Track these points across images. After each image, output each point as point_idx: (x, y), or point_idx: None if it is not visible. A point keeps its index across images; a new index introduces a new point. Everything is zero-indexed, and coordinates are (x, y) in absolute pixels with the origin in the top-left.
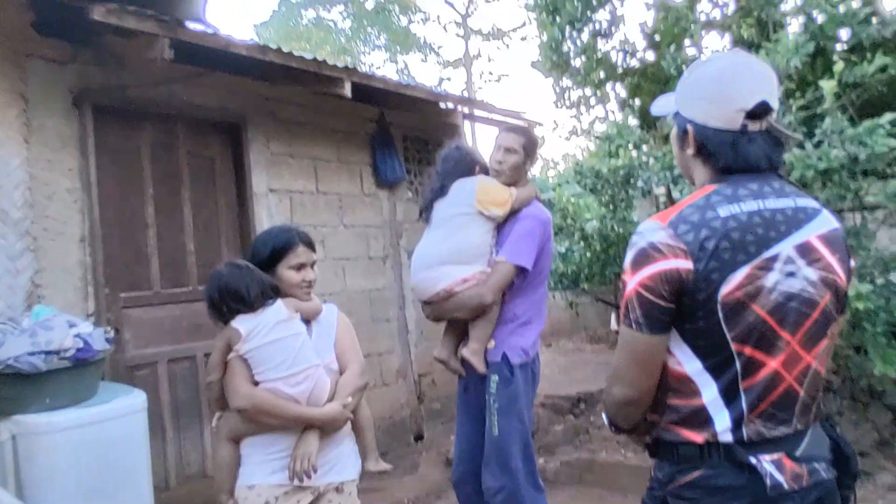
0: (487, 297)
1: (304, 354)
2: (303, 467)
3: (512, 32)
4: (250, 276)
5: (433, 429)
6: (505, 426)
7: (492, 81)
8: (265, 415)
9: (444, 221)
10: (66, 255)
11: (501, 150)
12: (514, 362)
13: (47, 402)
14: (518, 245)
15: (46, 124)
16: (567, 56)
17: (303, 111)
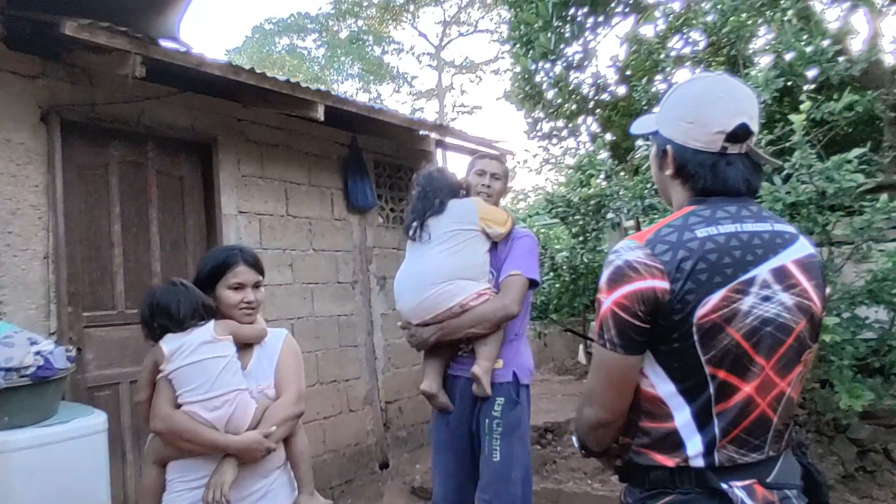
0: (513, 308)
1: (225, 378)
2: (214, 497)
3: (485, 65)
4: (184, 294)
5: (399, 457)
6: (507, 451)
7: (464, 113)
8: (180, 439)
9: (447, 237)
10: (28, 272)
11: (488, 176)
12: (523, 382)
13: (6, 420)
14: (526, 260)
15: (13, 139)
16: (539, 88)
17: (274, 133)
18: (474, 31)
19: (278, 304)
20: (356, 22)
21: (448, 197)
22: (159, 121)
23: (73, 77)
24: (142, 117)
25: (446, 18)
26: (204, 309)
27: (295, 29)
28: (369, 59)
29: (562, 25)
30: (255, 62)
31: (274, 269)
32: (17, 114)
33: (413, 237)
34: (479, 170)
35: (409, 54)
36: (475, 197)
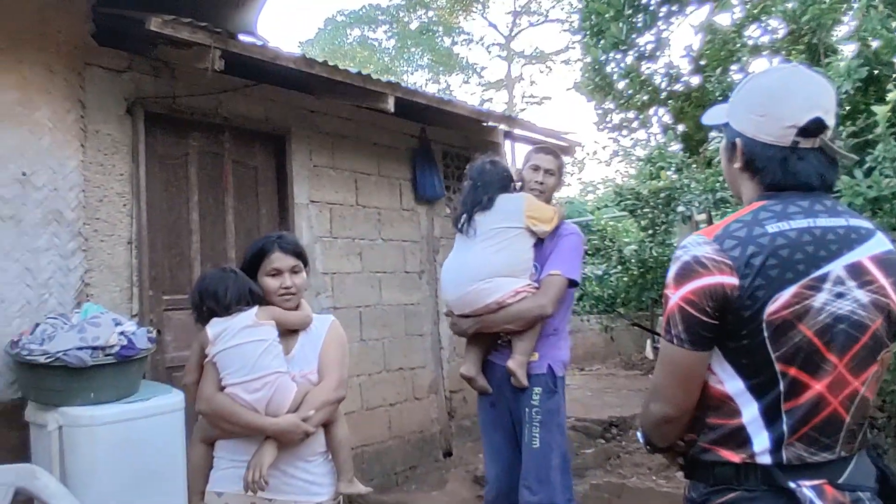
0: (549, 309)
1: (265, 361)
2: (254, 477)
3: (555, 56)
4: (232, 280)
5: (462, 446)
6: (546, 438)
7: (533, 103)
8: (222, 420)
9: (492, 234)
10: (114, 257)
11: (541, 172)
12: (559, 374)
13: (92, 396)
14: (569, 259)
15: (101, 130)
16: (610, 79)
17: (346, 124)
18: (545, 21)
19: (347, 291)
20: (426, 13)
21: (497, 192)
22: (236, 112)
23: (156, 71)
24: (219, 109)
25: (517, 8)
26: (251, 295)
27: (366, 20)
28: (439, 50)
29: (634, 15)
30: (327, 54)
31: (343, 258)
32: (105, 106)
33: (461, 230)
34: (534, 165)
35: (479, 45)
36: (524, 193)
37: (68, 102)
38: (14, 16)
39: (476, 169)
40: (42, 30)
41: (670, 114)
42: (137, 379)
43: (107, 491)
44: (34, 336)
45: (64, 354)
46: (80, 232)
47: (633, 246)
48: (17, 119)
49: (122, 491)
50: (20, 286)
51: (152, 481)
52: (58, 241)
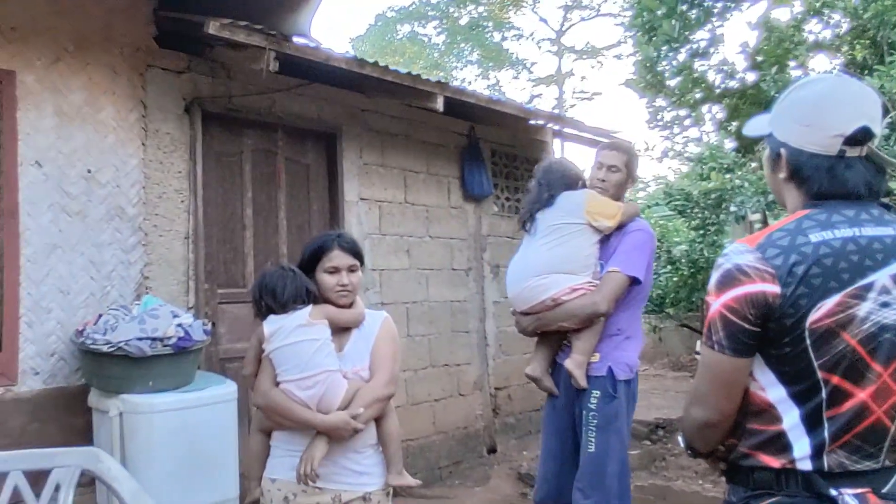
0: (602, 307)
1: (317, 360)
2: (305, 470)
3: (606, 50)
4: (290, 278)
5: (506, 443)
6: (602, 444)
7: (584, 99)
8: (276, 414)
9: (551, 231)
10: (172, 251)
11: (604, 169)
12: (620, 378)
13: (150, 384)
14: (631, 256)
15: (161, 129)
16: (662, 76)
17: (395, 123)
18: (596, 15)
19: (395, 287)
20: (476, 8)
21: (560, 190)
22: (289, 111)
23: (213, 71)
24: (273, 108)
25: (568, 2)
26: (307, 294)
27: (416, 16)
28: (489, 46)
29: (687, 11)
30: (377, 50)
31: (391, 255)
32: (165, 106)
33: (525, 229)
34: (598, 162)
35: (529, 40)
36: (588, 190)
37: (131, 102)
38: (82, 20)
39: (541, 168)
40: (107, 33)
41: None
42: (193, 369)
43: (164, 475)
44: (98, 326)
45: (125, 344)
46: (141, 227)
47: (683, 246)
48: (84, 119)
49: (178, 475)
50: (85, 278)
51: (206, 467)
52: (120, 235)
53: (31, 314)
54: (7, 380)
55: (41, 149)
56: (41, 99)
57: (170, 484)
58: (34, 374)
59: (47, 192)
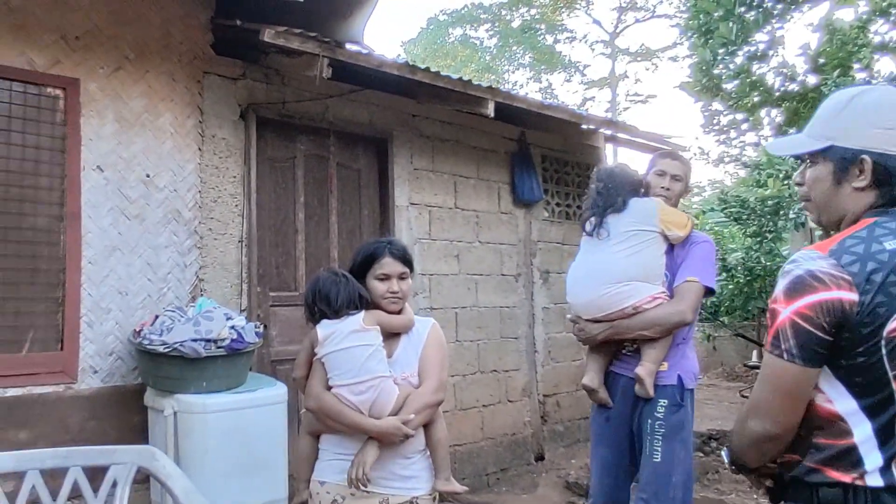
0: (689, 316)
1: (370, 365)
2: (357, 474)
3: (661, 52)
4: (343, 284)
5: (554, 450)
6: (668, 453)
7: (638, 102)
8: (327, 418)
9: (626, 236)
10: (226, 254)
11: (668, 178)
12: (689, 387)
13: (204, 385)
14: (705, 267)
15: (217, 134)
16: (719, 79)
17: (446, 128)
18: (652, 17)
19: (444, 293)
20: (529, 11)
21: (629, 195)
22: (341, 117)
23: (268, 78)
24: (326, 114)
25: (622, 4)
26: (359, 299)
27: (468, 19)
28: (541, 49)
29: (745, 13)
30: (429, 53)
31: (441, 260)
32: (221, 112)
33: (590, 233)
34: (660, 170)
35: (582, 42)
36: (656, 198)
37: (188, 109)
38: (142, 29)
39: (605, 172)
40: (166, 41)
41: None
42: (245, 371)
43: (216, 474)
44: (154, 327)
45: (180, 345)
46: (196, 230)
47: (738, 253)
48: (143, 125)
49: (230, 474)
50: (142, 280)
51: (257, 467)
52: (176, 238)
53: (92, 314)
54: (68, 378)
55: (103, 154)
56: (103, 106)
57: (221, 483)
58: (93, 372)
59: (108, 196)
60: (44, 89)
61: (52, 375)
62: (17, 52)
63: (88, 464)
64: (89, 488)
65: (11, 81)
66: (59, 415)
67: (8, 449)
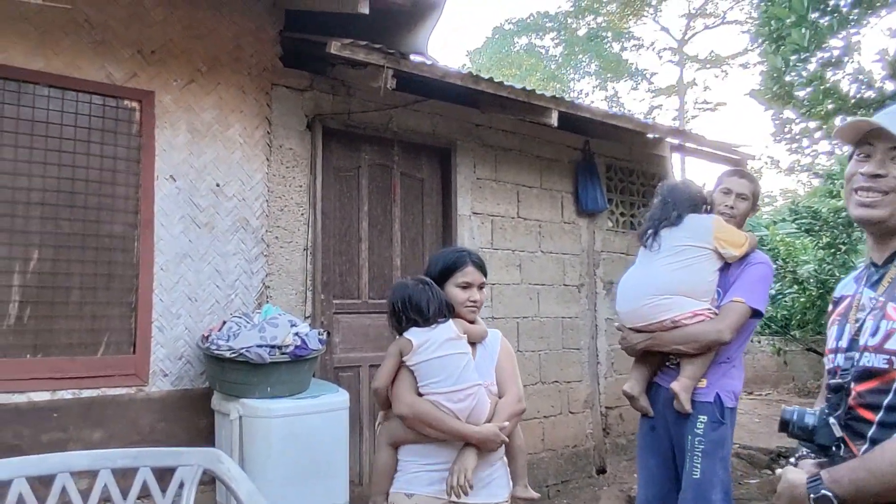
0: (726, 336)
1: (467, 373)
2: (459, 482)
3: (731, 59)
4: (432, 292)
5: (616, 464)
6: (708, 470)
7: (706, 110)
8: (424, 425)
9: (676, 251)
10: (291, 262)
11: (733, 196)
12: (728, 405)
13: (269, 390)
14: (756, 288)
15: (284, 145)
16: (791, 86)
17: (509, 138)
18: (722, 23)
19: (506, 302)
20: (595, 19)
21: (687, 210)
22: (405, 127)
23: (334, 89)
24: (390, 124)
25: (691, 11)
26: (447, 307)
27: (534, 28)
28: (607, 57)
29: (819, 18)
30: (494, 62)
31: (503, 269)
32: (288, 123)
33: (645, 244)
34: (726, 188)
35: (650, 50)
36: (715, 215)
37: (257, 120)
38: (214, 43)
39: (668, 186)
40: (237, 54)
41: None
42: (308, 377)
43: (279, 478)
44: (222, 332)
45: (246, 351)
46: (263, 238)
47: (810, 266)
48: (214, 136)
49: (292, 479)
50: (211, 287)
51: (318, 472)
52: (244, 246)
53: (163, 319)
54: (140, 380)
55: (175, 164)
56: (176, 117)
57: (284, 486)
58: (163, 375)
59: (179, 205)
60: (121, 102)
61: (125, 378)
62: (97, 67)
63: (157, 464)
64: (157, 488)
65: (91, 94)
66: (131, 416)
67: (83, 448)
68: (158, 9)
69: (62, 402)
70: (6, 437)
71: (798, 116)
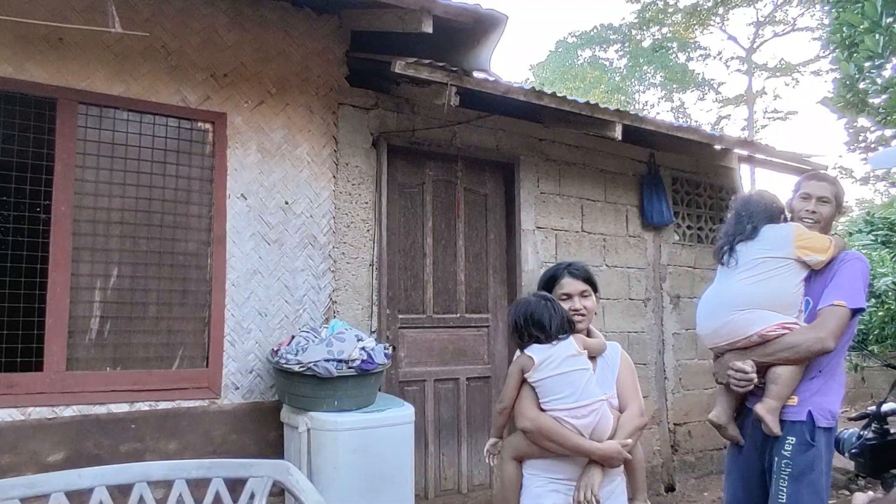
0: (830, 343)
1: (590, 389)
2: (586, 497)
3: (802, 67)
4: (553, 308)
5: (685, 481)
6: (794, 495)
7: (777, 119)
8: (547, 440)
9: (754, 264)
10: (357, 277)
11: (813, 200)
12: (821, 425)
13: (336, 403)
14: (854, 287)
15: (350, 162)
16: (864, 94)
17: (572, 152)
18: (792, 30)
19: None
20: (660, 30)
21: (763, 222)
22: (468, 142)
23: (398, 107)
24: (454, 140)
25: (759, 18)
26: (567, 323)
27: (597, 41)
28: (672, 67)
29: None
30: (558, 75)
31: None
32: (354, 141)
33: (722, 261)
34: (805, 193)
35: (717, 59)
36: (794, 223)
37: (324, 139)
38: (283, 65)
39: (741, 199)
40: (305, 75)
41: None
42: (374, 391)
43: (346, 490)
44: (290, 347)
45: (314, 365)
46: (330, 254)
47: (888, 278)
48: (283, 155)
49: (358, 491)
50: (280, 302)
51: (384, 485)
52: (311, 262)
53: (234, 334)
54: (212, 393)
55: (246, 182)
56: (247, 138)
57: (351, 498)
58: (235, 388)
59: (250, 222)
60: (195, 124)
61: (199, 391)
62: (172, 91)
63: (229, 475)
64: (230, 498)
65: (167, 118)
66: (204, 428)
67: (159, 458)
68: (230, 34)
69: (139, 414)
70: (88, 447)
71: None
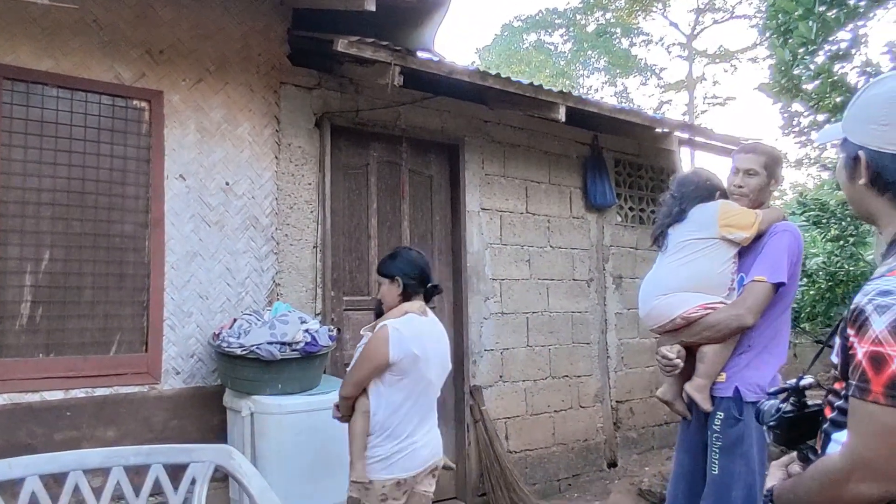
0: (748, 319)
1: None
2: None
3: (740, 54)
4: None
5: (627, 457)
6: (726, 468)
7: (716, 104)
8: None
9: (681, 247)
10: (301, 259)
11: (740, 174)
12: (748, 400)
13: (279, 387)
14: (775, 260)
15: (293, 143)
16: (798, 79)
17: (517, 133)
18: (730, 18)
19: (515, 297)
20: (604, 15)
21: (693, 203)
22: (413, 123)
23: (342, 87)
24: (398, 121)
25: (700, 5)
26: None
27: (543, 25)
28: (616, 52)
29: (826, 11)
30: (503, 59)
31: (512, 265)
32: (297, 121)
33: (658, 246)
34: (734, 167)
35: (659, 45)
36: (721, 200)
37: (266, 119)
38: (222, 42)
39: (676, 180)
40: (245, 53)
41: None
42: (319, 373)
43: (291, 474)
44: (232, 330)
45: (257, 348)
46: (273, 236)
47: (819, 258)
48: (223, 135)
49: (305, 475)
50: (222, 284)
51: (331, 468)
52: (254, 244)
53: (174, 318)
54: (152, 378)
55: (184, 163)
56: (185, 117)
57: (296, 483)
58: (175, 373)
59: (189, 204)
60: (130, 102)
61: (138, 376)
62: (105, 67)
63: (169, 461)
64: (170, 485)
65: (101, 95)
66: (144, 414)
67: (96, 446)
68: (166, 9)
69: (75, 401)
70: (20, 436)
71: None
